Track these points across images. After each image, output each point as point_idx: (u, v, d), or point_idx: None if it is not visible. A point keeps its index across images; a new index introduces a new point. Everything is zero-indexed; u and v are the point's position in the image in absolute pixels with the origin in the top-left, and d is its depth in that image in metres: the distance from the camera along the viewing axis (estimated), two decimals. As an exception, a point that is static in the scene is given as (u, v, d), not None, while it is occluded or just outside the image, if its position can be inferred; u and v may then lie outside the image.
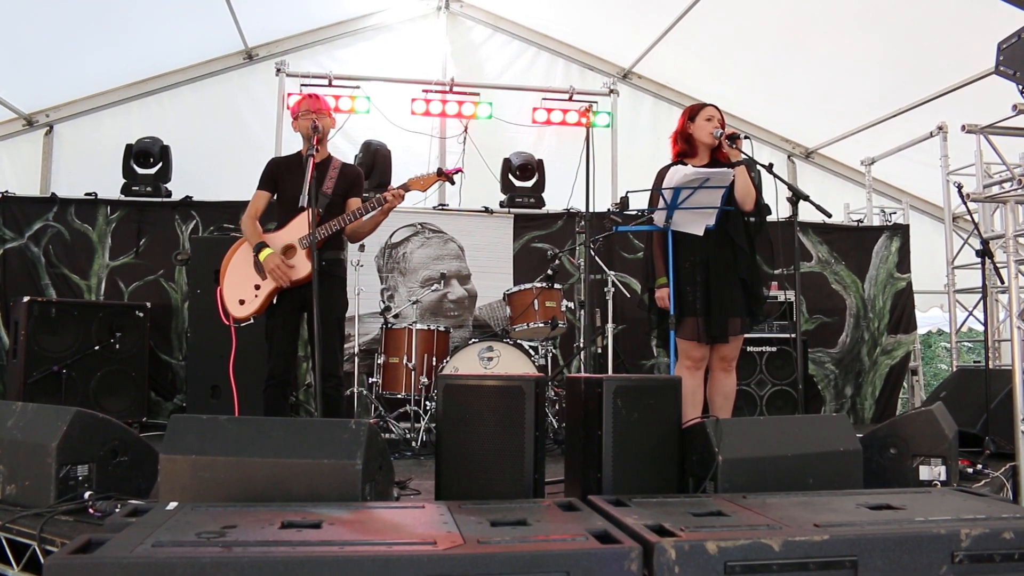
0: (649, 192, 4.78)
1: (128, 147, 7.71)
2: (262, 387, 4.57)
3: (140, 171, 7.69)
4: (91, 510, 3.15)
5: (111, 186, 7.58)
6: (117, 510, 2.87)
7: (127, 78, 8.40)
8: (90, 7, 6.99)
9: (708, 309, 4.55)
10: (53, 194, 7.53)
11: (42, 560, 2.89)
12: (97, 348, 6.59)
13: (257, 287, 4.58)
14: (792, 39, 7.83)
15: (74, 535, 2.70)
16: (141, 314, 6.86)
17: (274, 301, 4.60)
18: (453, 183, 5.02)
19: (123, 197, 7.55)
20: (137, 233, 7.47)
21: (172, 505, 2.62)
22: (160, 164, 7.73)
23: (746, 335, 4.91)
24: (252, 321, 4.66)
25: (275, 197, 4.82)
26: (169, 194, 7.67)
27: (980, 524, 2.48)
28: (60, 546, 2.81)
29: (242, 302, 4.61)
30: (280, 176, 4.76)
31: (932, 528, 2.46)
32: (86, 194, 7.47)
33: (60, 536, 2.90)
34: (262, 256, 4.52)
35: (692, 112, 4.77)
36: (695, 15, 7.82)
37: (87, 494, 3.27)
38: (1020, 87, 4.63)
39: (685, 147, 4.76)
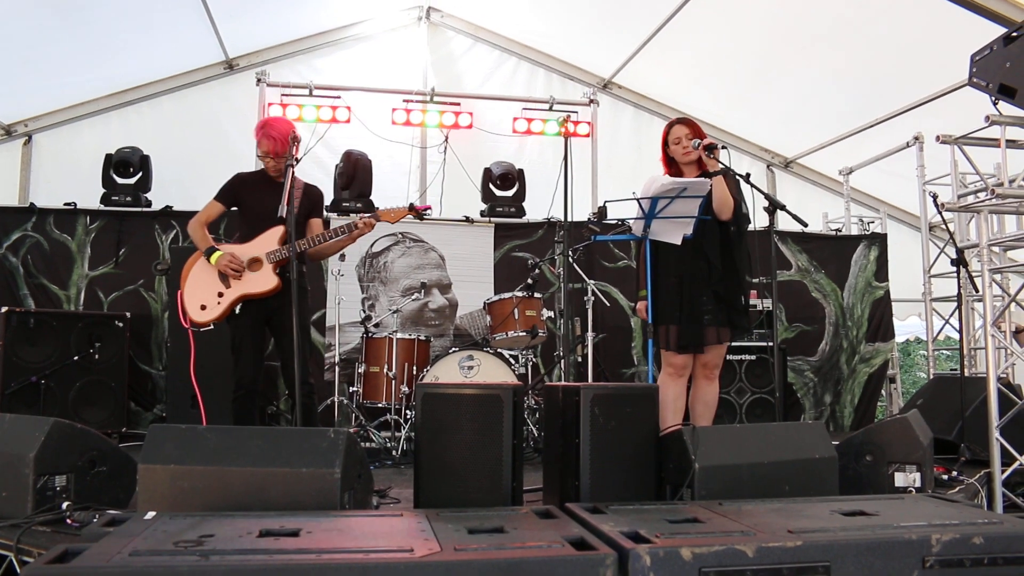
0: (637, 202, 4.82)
1: (108, 157, 7.66)
2: (230, 397, 4.63)
3: (120, 181, 7.64)
4: (69, 520, 3.14)
5: (90, 196, 7.53)
6: (95, 520, 2.86)
7: (107, 88, 8.39)
8: (70, 17, 6.96)
9: (681, 319, 4.59)
10: (32, 204, 7.49)
11: (19, 571, 2.88)
12: (76, 358, 6.54)
13: (220, 295, 4.66)
14: (770, 51, 7.91)
15: (51, 545, 2.69)
16: (120, 324, 6.82)
17: (236, 311, 4.67)
18: (422, 219, 5.16)
19: (102, 207, 7.50)
20: (116, 243, 7.43)
21: (150, 515, 2.62)
22: (140, 174, 7.69)
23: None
24: (212, 327, 4.72)
25: (233, 210, 4.93)
26: (149, 204, 7.63)
27: (951, 530, 2.52)
28: (37, 557, 2.80)
29: (203, 307, 4.68)
30: (243, 193, 4.85)
31: (904, 534, 2.49)
32: (65, 204, 7.42)
33: (37, 547, 2.89)
34: (213, 259, 4.63)
35: (664, 137, 4.84)
36: (674, 27, 7.89)
37: (65, 504, 3.25)
38: (993, 98, 4.71)
39: (672, 170, 4.84)
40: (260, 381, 4.80)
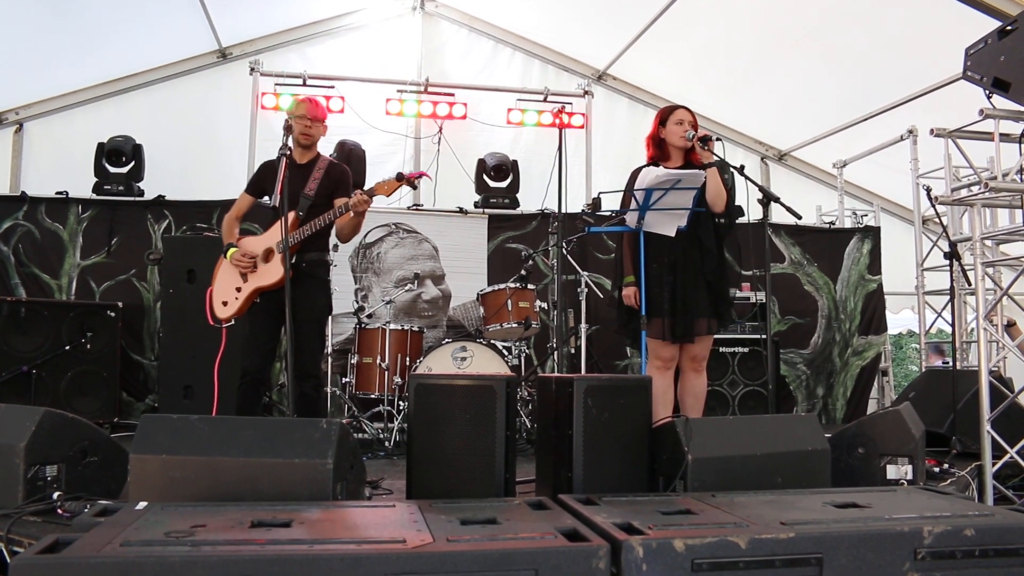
0: (622, 193, 4.82)
1: (100, 145, 7.64)
2: (236, 384, 4.60)
3: (112, 170, 7.62)
4: (60, 510, 3.13)
5: (83, 185, 7.51)
6: (86, 510, 2.85)
7: (99, 77, 8.33)
8: (62, 4, 6.92)
9: (673, 309, 4.59)
10: (23, 192, 7.46)
11: (9, 561, 2.86)
12: (68, 348, 6.53)
13: (238, 289, 4.66)
14: (765, 43, 7.91)
15: (42, 536, 2.68)
16: (112, 314, 6.80)
17: (257, 301, 4.64)
18: (415, 187, 5.09)
19: (95, 196, 7.48)
20: (109, 232, 7.41)
21: (142, 505, 2.61)
22: (132, 163, 7.67)
23: (719, 336, 4.95)
24: (233, 322, 4.72)
25: (265, 199, 4.87)
26: (141, 193, 7.61)
27: (943, 522, 2.52)
28: (27, 547, 2.78)
29: (225, 304, 4.69)
30: (268, 180, 4.78)
31: (896, 526, 2.49)
32: (57, 193, 7.40)
33: (28, 537, 2.87)
34: (228, 256, 4.66)
35: (663, 116, 4.80)
36: (669, 19, 7.87)
37: (56, 494, 3.24)
38: (987, 92, 4.71)
39: (658, 152, 4.81)
40: (267, 372, 4.79)
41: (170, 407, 6.30)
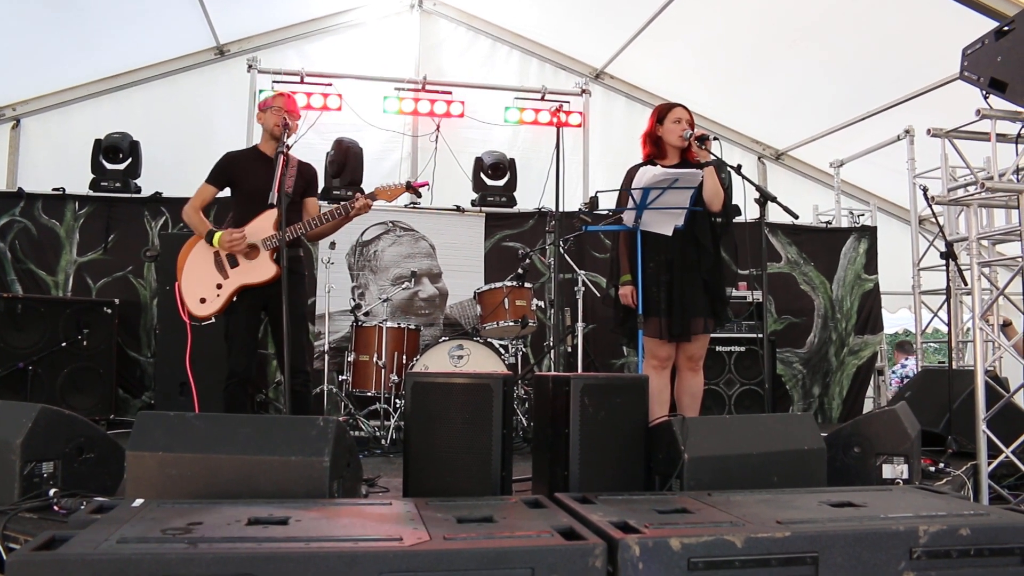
0: (618, 192, 4.81)
1: (97, 142, 7.62)
2: (221, 384, 4.57)
3: (109, 166, 7.60)
4: (56, 507, 3.13)
5: (79, 181, 7.49)
6: (82, 507, 2.85)
7: (97, 73, 8.31)
8: (60, 1, 6.90)
9: (670, 309, 4.59)
10: (20, 189, 7.44)
11: (5, 558, 2.86)
12: (64, 345, 6.52)
13: (219, 286, 4.59)
14: (762, 42, 7.90)
15: (38, 532, 2.67)
16: (109, 311, 6.79)
17: (235, 299, 4.60)
18: (420, 196, 5.08)
19: (91, 192, 7.46)
20: (105, 229, 7.39)
21: (138, 502, 2.60)
22: (129, 159, 7.65)
23: (715, 335, 4.94)
24: (213, 320, 4.66)
25: (224, 191, 4.85)
26: (138, 190, 7.59)
27: (938, 521, 2.53)
28: (23, 543, 2.78)
29: (203, 300, 4.60)
30: (236, 172, 4.76)
31: (891, 525, 2.49)
32: (54, 189, 7.38)
33: (23, 534, 2.87)
34: (215, 240, 4.54)
35: (661, 114, 4.79)
36: (667, 18, 7.87)
37: (52, 491, 3.24)
38: (984, 92, 4.72)
39: (654, 149, 4.80)
40: (253, 370, 4.75)
41: (166, 404, 6.30)
